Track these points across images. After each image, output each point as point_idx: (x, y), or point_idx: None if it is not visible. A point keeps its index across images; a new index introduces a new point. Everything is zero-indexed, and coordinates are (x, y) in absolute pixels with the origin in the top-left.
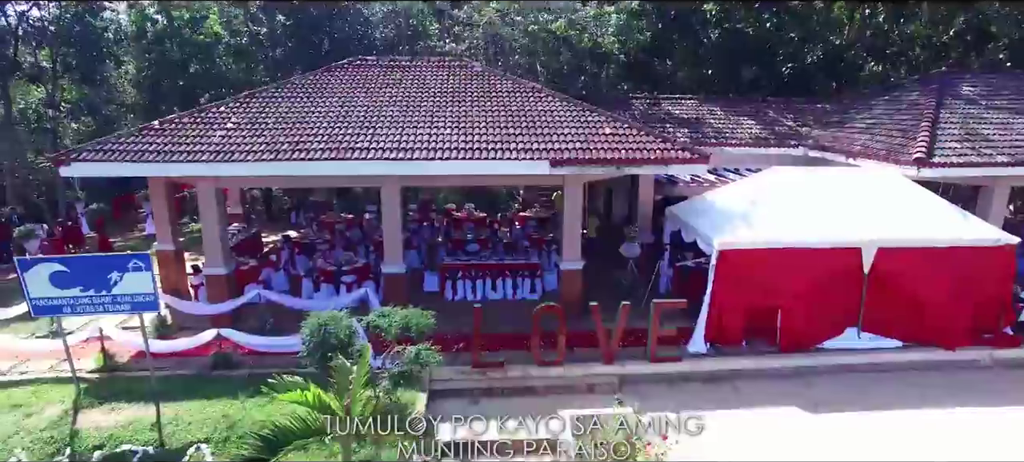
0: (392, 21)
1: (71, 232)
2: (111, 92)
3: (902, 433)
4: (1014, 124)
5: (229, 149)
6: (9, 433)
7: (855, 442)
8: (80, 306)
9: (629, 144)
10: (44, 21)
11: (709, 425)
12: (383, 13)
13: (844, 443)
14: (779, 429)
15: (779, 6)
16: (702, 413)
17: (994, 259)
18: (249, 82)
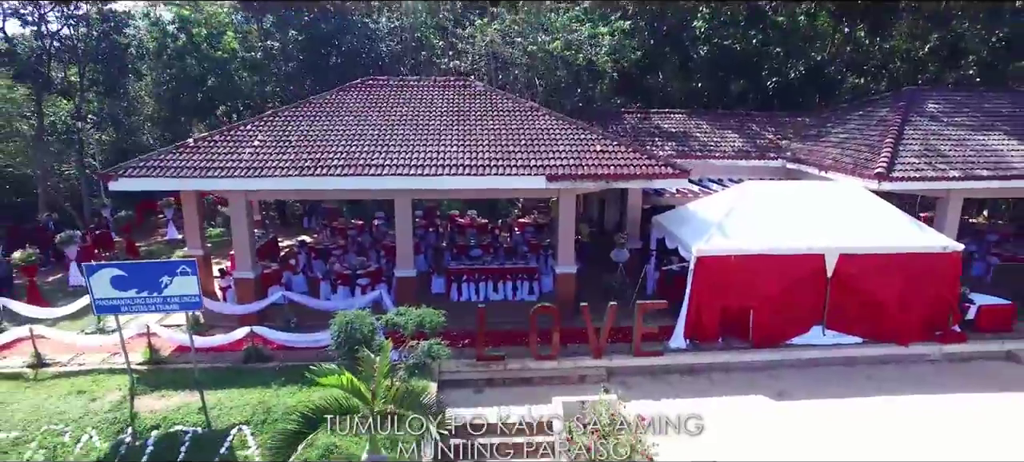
0: (397, 35)
1: (102, 238)
2: (131, 104)
3: (853, 417)
4: (969, 140)
5: (258, 165)
6: (79, 415)
7: (810, 425)
8: (135, 306)
9: (618, 161)
10: (74, 39)
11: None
12: (389, 28)
13: (800, 425)
14: (745, 414)
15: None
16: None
17: (942, 264)
18: (262, 94)
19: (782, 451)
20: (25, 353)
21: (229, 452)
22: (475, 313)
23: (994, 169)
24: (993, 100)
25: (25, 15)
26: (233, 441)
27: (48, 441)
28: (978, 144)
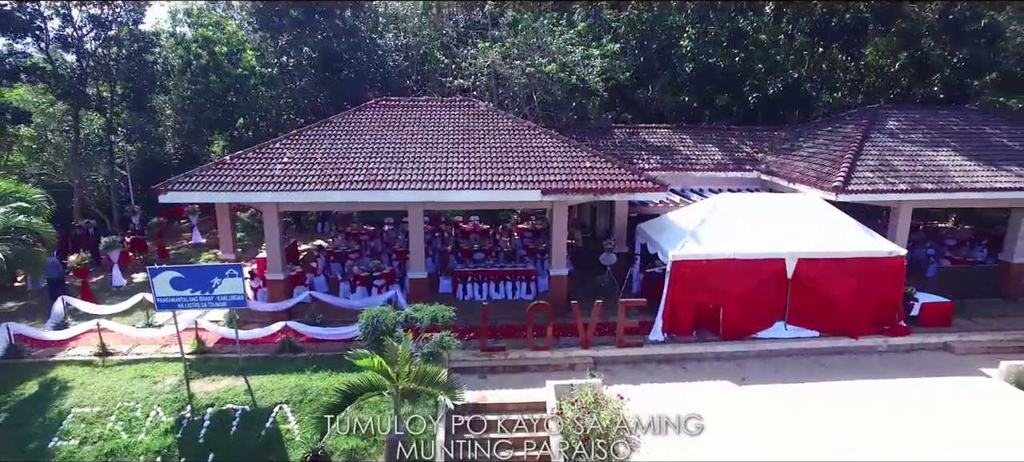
0: (403, 52)
1: (137, 242)
2: (156, 117)
3: (803, 398)
4: (920, 156)
5: (288, 180)
6: (145, 395)
7: (766, 404)
8: (190, 303)
9: (604, 175)
10: (107, 59)
11: (658, 395)
12: (395, 44)
13: (757, 405)
14: (710, 394)
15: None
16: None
17: (888, 266)
18: (277, 107)
19: (739, 424)
20: (91, 344)
21: (273, 426)
22: (479, 310)
23: (938, 183)
24: (946, 118)
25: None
26: (276, 417)
27: (124, 415)
28: (928, 159)
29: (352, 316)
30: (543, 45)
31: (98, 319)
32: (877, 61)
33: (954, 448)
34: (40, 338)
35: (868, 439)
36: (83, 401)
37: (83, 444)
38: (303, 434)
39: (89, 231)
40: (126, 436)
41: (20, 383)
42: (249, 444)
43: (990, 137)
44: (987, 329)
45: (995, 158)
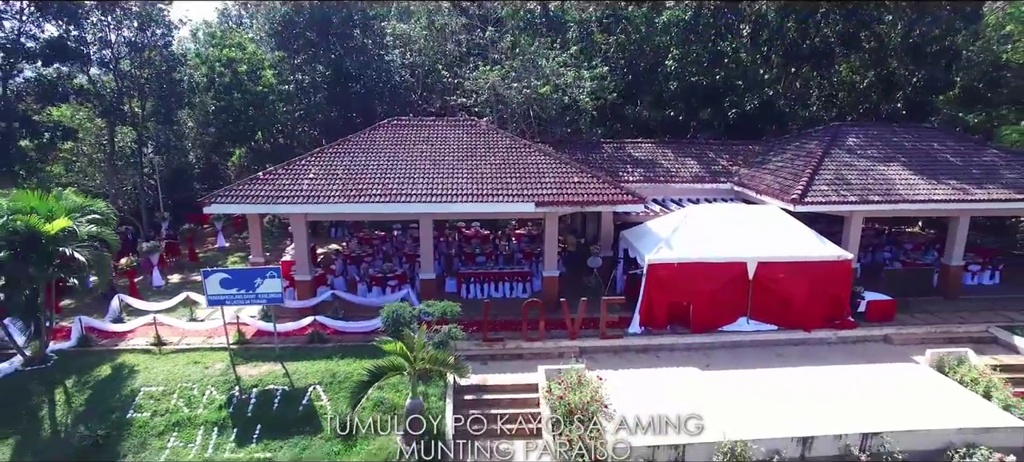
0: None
1: (170, 246)
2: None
3: (759, 380)
4: (872, 171)
5: (315, 194)
6: (200, 377)
7: (725, 385)
8: (235, 300)
9: (590, 190)
10: (141, 79)
11: (633, 377)
12: (402, 62)
13: (715, 385)
14: (677, 377)
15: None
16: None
17: (837, 269)
18: (293, 120)
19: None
20: (147, 335)
21: (309, 403)
22: (481, 307)
23: (884, 195)
24: (901, 135)
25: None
26: (310, 395)
27: (184, 394)
28: (878, 174)
29: (370, 312)
30: (538, 68)
31: (154, 314)
32: (850, 78)
33: (879, 417)
34: (105, 330)
35: (810, 411)
36: (149, 382)
37: (154, 416)
38: (334, 409)
39: (128, 236)
40: (187, 410)
41: (95, 367)
42: (290, 417)
43: (937, 153)
44: (923, 323)
45: (938, 172)
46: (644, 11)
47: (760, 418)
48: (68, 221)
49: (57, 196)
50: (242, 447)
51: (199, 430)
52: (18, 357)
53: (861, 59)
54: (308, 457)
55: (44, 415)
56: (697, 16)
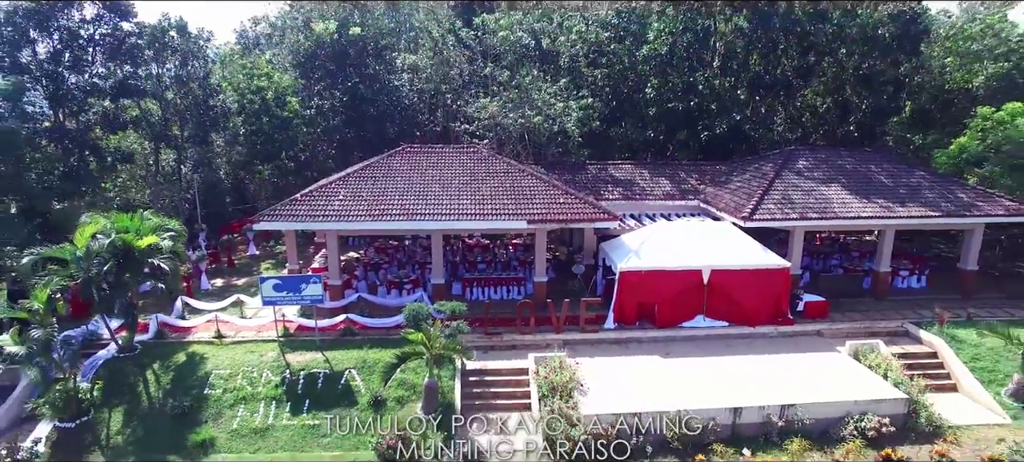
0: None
1: (211, 255)
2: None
3: (709, 366)
4: (815, 191)
5: (344, 213)
6: (256, 363)
7: (679, 369)
8: (284, 301)
9: (573, 209)
10: (181, 107)
11: (607, 363)
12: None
13: (673, 370)
14: (642, 363)
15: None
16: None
17: (777, 275)
18: (313, 139)
19: (658, 380)
20: (208, 330)
21: (346, 383)
22: (482, 306)
23: (821, 213)
24: (844, 157)
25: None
26: (347, 378)
27: (246, 376)
28: (819, 194)
29: (389, 311)
30: (532, 99)
31: (215, 312)
32: (813, 102)
33: (797, 393)
34: (175, 325)
35: (745, 389)
36: (217, 366)
37: (224, 392)
38: (367, 387)
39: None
40: (250, 388)
41: (172, 355)
42: (331, 394)
43: (873, 175)
44: (851, 320)
45: (870, 192)
46: (627, 45)
47: (704, 394)
48: (155, 238)
49: (140, 217)
50: (295, 416)
51: (261, 403)
52: (112, 345)
53: (824, 85)
54: (347, 423)
55: (140, 390)
56: (672, 50)
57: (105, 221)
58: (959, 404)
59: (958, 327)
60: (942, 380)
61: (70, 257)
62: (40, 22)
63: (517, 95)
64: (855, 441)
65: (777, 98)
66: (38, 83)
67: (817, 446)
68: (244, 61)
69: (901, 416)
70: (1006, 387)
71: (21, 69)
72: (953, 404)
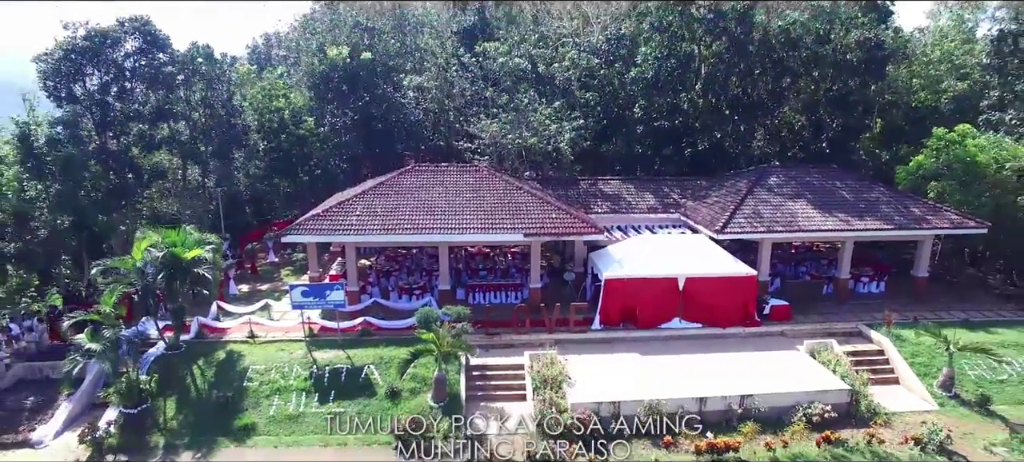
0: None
1: (238, 263)
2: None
3: (683, 362)
4: (783, 206)
5: (361, 227)
6: (287, 360)
7: (656, 365)
8: (311, 305)
9: (564, 223)
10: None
11: (593, 360)
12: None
13: (650, 365)
14: (623, 360)
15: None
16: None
17: (745, 282)
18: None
19: (637, 374)
20: (242, 331)
21: (366, 376)
22: (484, 310)
23: (786, 226)
24: (812, 174)
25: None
26: (366, 372)
27: (279, 370)
28: (786, 208)
29: (400, 314)
30: (528, 121)
31: (248, 315)
32: (790, 119)
33: (756, 385)
34: (212, 326)
35: (712, 382)
36: (253, 362)
37: (261, 385)
38: (384, 380)
39: None
40: (283, 381)
41: (213, 352)
42: (353, 386)
43: (836, 191)
44: (812, 322)
45: (832, 207)
46: (616, 69)
47: (676, 386)
48: (200, 250)
49: (185, 232)
50: (323, 405)
51: (292, 394)
52: (161, 343)
53: (800, 104)
54: (368, 411)
55: (189, 383)
56: (658, 73)
57: (156, 236)
58: (898, 394)
59: (903, 328)
60: (887, 374)
61: (131, 268)
62: (93, 57)
63: (515, 117)
64: (801, 425)
65: (755, 117)
66: (88, 111)
67: (769, 430)
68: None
69: (844, 405)
70: (937, 379)
71: (75, 99)
72: (893, 394)
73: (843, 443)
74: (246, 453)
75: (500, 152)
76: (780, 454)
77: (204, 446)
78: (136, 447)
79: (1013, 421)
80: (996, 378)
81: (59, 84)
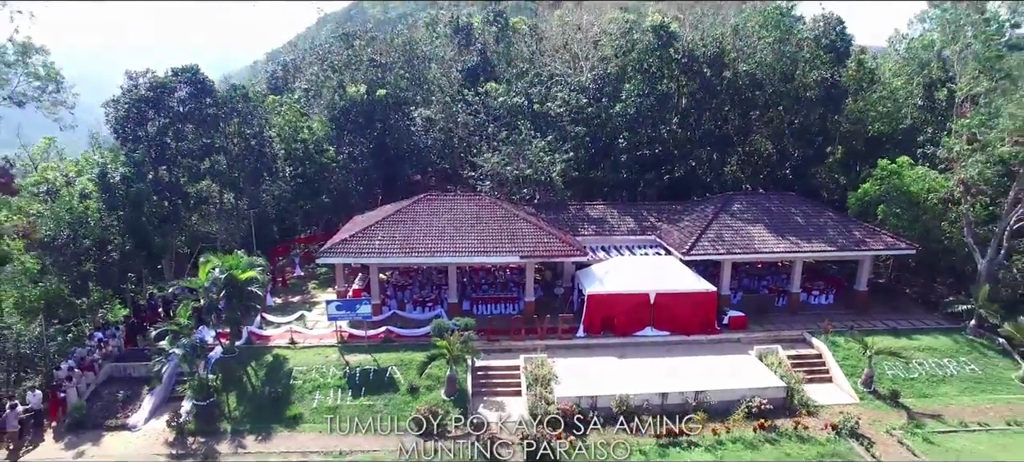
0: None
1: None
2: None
3: (652, 363)
4: (743, 230)
5: (383, 250)
6: (324, 361)
7: (629, 366)
8: (343, 317)
9: (554, 247)
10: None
11: (577, 362)
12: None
13: (625, 367)
14: (602, 362)
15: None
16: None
17: (706, 297)
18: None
19: (613, 374)
20: (283, 339)
21: (390, 376)
22: (486, 320)
23: (743, 249)
24: (771, 200)
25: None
26: (390, 372)
27: (318, 371)
28: (745, 232)
29: (415, 323)
30: (524, 154)
31: (289, 324)
32: (759, 148)
33: (710, 382)
34: (258, 333)
35: (675, 379)
36: (296, 364)
37: (304, 382)
38: (405, 378)
39: None
40: (321, 380)
41: (261, 356)
42: (380, 384)
43: (791, 216)
44: (764, 330)
45: (786, 231)
46: (603, 105)
47: (644, 383)
48: (253, 272)
49: (239, 257)
50: (355, 399)
51: (330, 390)
52: (218, 348)
53: (768, 135)
54: (392, 404)
55: (245, 381)
56: (639, 109)
57: (217, 260)
58: (829, 391)
59: (838, 335)
60: (822, 374)
61: (199, 287)
62: (155, 104)
63: (513, 150)
64: (741, 415)
65: (726, 147)
66: (149, 150)
67: (716, 419)
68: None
69: (781, 399)
70: (860, 378)
71: (139, 140)
72: (825, 391)
73: (776, 429)
74: (297, 437)
75: (500, 179)
76: (723, 437)
77: (263, 431)
78: (209, 432)
79: (914, 410)
80: (908, 376)
81: (127, 128)
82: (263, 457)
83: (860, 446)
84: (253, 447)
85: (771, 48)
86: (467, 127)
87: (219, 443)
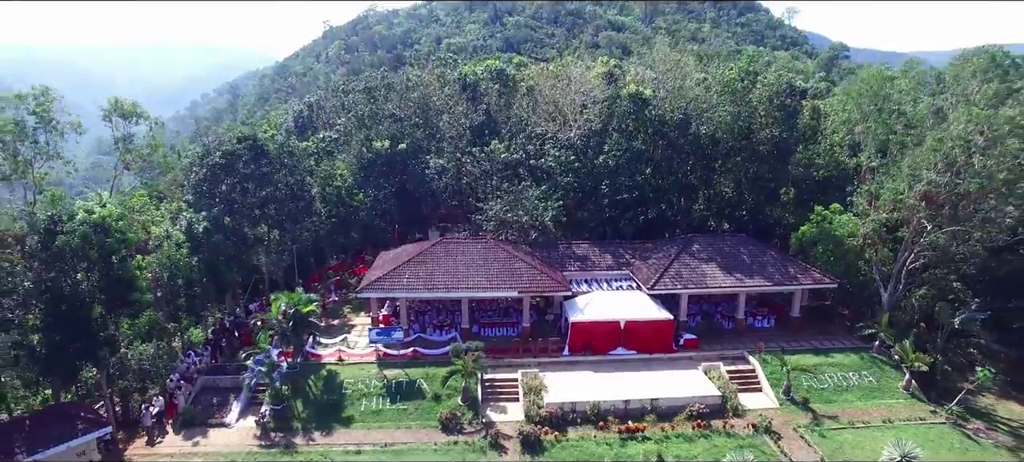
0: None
1: None
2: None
3: (621, 377)
4: (698, 268)
5: (410, 287)
6: (367, 375)
7: (603, 379)
8: (382, 341)
9: (545, 283)
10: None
11: (563, 376)
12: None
13: (599, 379)
14: (582, 376)
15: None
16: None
17: (665, 323)
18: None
19: (589, 384)
20: (332, 357)
21: (418, 387)
22: (492, 341)
23: (697, 284)
24: (726, 241)
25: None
26: (418, 383)
27: (363, 382)
28: (700, 270)
29: (435, 344)
30: (522, 203)
31: (335, 345)
32: (722, 192)
33: (663, 391)
34: (313, 352)
35: (637, 389)
36: (346, 377)
37: (353, 391)
38: (430, 389)
39: None
40: (365, 389)
41: (317, 370)
42: (411, 393)
43: (739, 255)
44: (712, 350)
45: (734, 268)
46: (588, 157)
47: (613, 392)
48: (313, 306)
49: (301, 293)
50: (392, 404)
51: (374, 397)
52: (284, 364)
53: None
54: (421, 408)
55: (307, 390)
56: (619, 161)
57: (285, 297)
58: (758, 398)
59: (769, 354)
60: (754, 385)
61: (273, 318)
62: (225, 168)
63: (512, 199)
64: (684, 417)
65: (691, 193)
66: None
67: (665, 420)
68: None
69: (718, 404)
70: (781, 388)
71: (214, 197)
72: (755, 398)
73: (709, 427)
74: (351, 433)
75: (501, 221)
76: (669, 434)
77: (325, 428)
78: (284, 429)
79: (819, 413)
80: (819, 386)
81: (204, 189)
82: (329, 447)
83: (771, 440)
84: (320, 440)
85: (728, 113)
86: (474, 175)
87: (294, 437)
